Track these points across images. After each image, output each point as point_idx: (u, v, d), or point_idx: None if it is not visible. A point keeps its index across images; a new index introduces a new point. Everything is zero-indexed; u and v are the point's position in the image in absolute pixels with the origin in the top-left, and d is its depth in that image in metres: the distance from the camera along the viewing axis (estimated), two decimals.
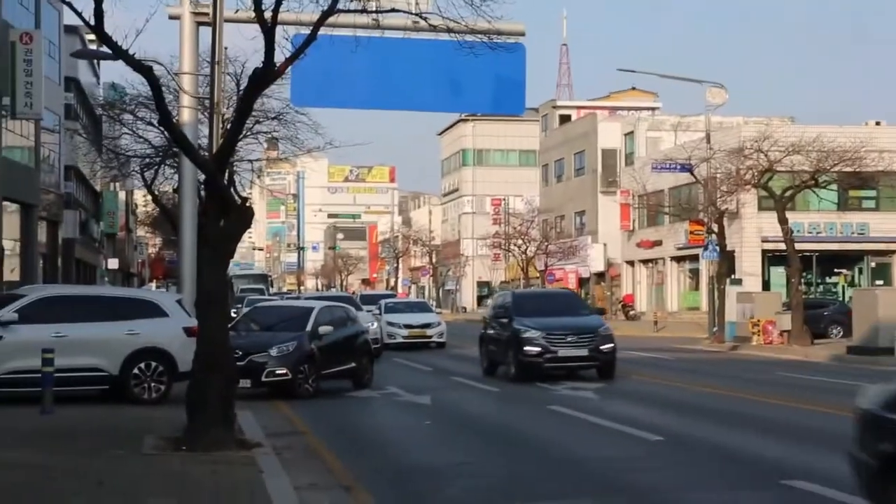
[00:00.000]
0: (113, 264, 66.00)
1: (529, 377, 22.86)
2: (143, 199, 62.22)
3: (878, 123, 54.80)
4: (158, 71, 15.99)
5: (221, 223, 12.89)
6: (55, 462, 11.28)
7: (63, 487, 9.92)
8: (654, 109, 76.98)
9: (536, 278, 68.15)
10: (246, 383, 18.12)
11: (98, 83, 61.46)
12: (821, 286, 52.59)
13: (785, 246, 37.71)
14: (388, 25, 20.54)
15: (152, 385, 17.55)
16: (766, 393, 20.38)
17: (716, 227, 40.13)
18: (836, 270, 52.85)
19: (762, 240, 50.00)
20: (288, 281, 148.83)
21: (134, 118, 30.01)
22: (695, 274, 57.27)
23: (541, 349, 23.18)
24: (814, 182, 38.46)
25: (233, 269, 68.52)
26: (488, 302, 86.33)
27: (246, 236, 71.80)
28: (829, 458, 12.49)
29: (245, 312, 25.58)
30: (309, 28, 12.99)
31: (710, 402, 19.17)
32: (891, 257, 52.63)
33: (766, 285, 49.91)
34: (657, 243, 60.05)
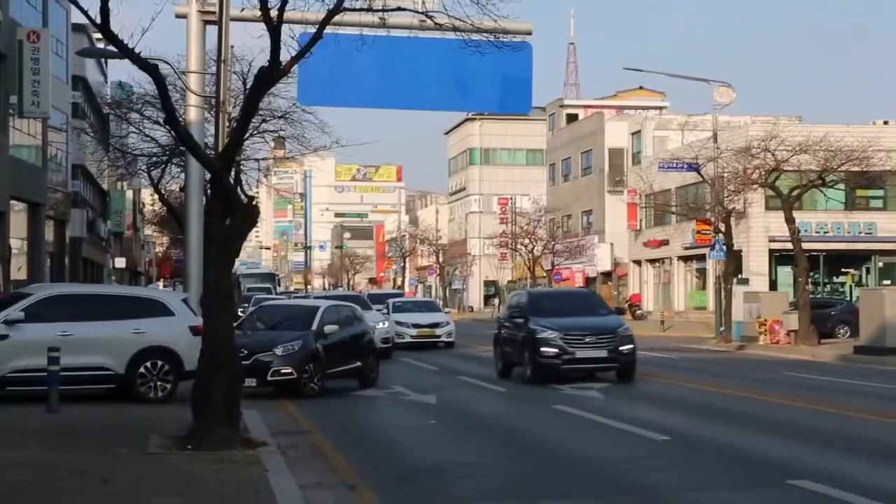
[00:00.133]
0: (120, 263, 66.04)
1: (546, 379, 22.02)
2: (151, 198, 62.21)
3: (886, 123, 54.58)
4: (165, 70, 16.04)
5: (227, 222, 12.88)
6: (61, 460, 11.29)
7: (68, 486, 9.93)
8: (662, 109, 76.92)
9: (543, 277, 68.10)
10: (251, 382, 18.12)
11: (106, 82, 61.48)
12: (828, 286, 52.49)
13: (792, 245, 37.59)
14: (394, 24, 20.56)
15: (158, 384, 17.55)
16: (773, 393, 20.33)
17: (723, 227, 40.04)
18: (844, 270, 52.75)
19: (769, 239, 49.91)
20: (295, 280, 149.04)
21: (141, 117, 30.00)
22: (702, 273, 57.21)
23: (558, 350, 22.26)
24: (821, 181, 38.33)
25: (240, 268, 68.61)
26: (495, 301, 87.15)
27: (253, 235, 71.81)
28: (836, 459, 12.50)
29: (251, 311, 25.55)
30: (315, 27, 12.97)
31: (717, 402, 19.13)
32: None
33: (773, 285, 49.76)
34: (664, 243, 59.94)
